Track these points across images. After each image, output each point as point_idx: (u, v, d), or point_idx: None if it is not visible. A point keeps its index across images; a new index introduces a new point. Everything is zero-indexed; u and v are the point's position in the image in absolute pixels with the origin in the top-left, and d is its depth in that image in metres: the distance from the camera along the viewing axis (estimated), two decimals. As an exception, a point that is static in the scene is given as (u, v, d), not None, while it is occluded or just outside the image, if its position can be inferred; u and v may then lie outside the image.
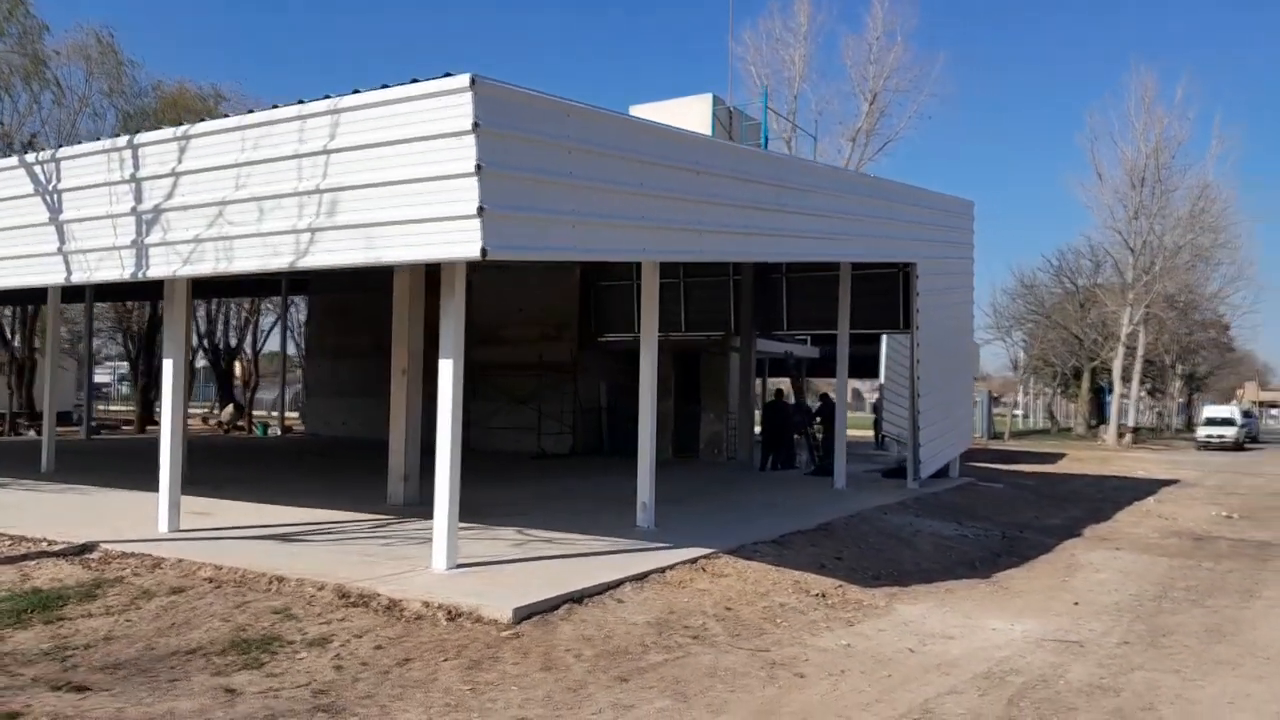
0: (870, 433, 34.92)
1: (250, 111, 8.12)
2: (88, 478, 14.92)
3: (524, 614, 6.80)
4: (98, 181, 8.79)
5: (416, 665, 6.06)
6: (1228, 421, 44.12)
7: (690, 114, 19.49)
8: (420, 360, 13.02)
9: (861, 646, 7.09)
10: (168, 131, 8.34)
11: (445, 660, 6.11)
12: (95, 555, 8.79)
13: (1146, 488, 21.58)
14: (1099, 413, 55.47)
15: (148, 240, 8.52)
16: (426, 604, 6.98)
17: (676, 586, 8.07)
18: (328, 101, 7.38)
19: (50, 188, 9.06)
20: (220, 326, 41.08)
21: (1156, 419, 67.30)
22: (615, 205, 8.03)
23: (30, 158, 9.25)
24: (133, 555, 8.66)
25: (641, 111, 18.27)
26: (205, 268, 8.20)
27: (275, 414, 41.83)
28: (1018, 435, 52.62)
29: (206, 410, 48.45)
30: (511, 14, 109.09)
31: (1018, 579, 10.18)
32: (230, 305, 40.39)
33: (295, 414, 40.90)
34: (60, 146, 9.75)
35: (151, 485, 13.74)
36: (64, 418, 37.68)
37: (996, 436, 49.78)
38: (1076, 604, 8.91)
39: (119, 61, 33.19)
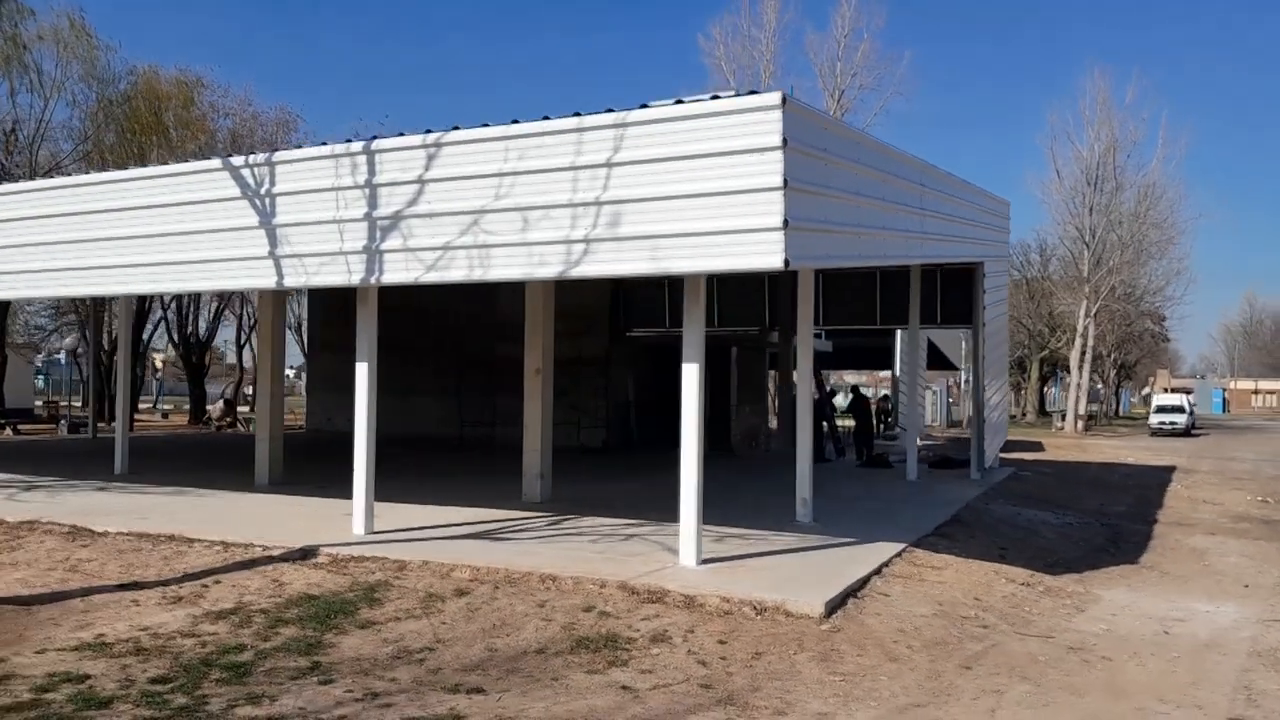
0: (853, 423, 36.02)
1: (243, 100, 8.24)
2: (168, 478, 14.68)
3: (831, 607, 7.18)
4: (322, 186, 8.79)
5: (770, 658, 6.39)
6: (1178, 409, 46.69)
7: None
8: (552, 361, 13.23)
9: (1117, 630, 7.67)
10: (414, 139, 8.39)
11: (795, 653, 6.46)
12: (322, 559, 8.84)
13: (1155, 475, 22.88)
14: (1044, 402, 57.95)
15: (383, 246, 8.58)
16: (725, 599, 7.29)
17: (913, 579, 8.53)
18: (612, 115, 7.59)
19: (263, 191, 9.02)
20: (190, 318, 39.92)
21: (1097, 407, 70.38)
22: (879, 217, 8.46)
23: (239, 160, 9.17)
24: (363, 559, 8.73)
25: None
26: (455, 275, 8.31)
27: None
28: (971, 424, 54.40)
29: (170, 409, 47.15)
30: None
31: (1160, 564, 10.93)
32: (202, 297, 39.34)
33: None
34: (38, 134, 9.66)
35: (235, 483, 13.79)
36: (24, 414, 36.31)
37: (955, 425, 51.58)
38: (1246, 586, 9.68)
39: (93, 46, 32.06)
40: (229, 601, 7.61)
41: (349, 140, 9.00)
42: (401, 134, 8.59)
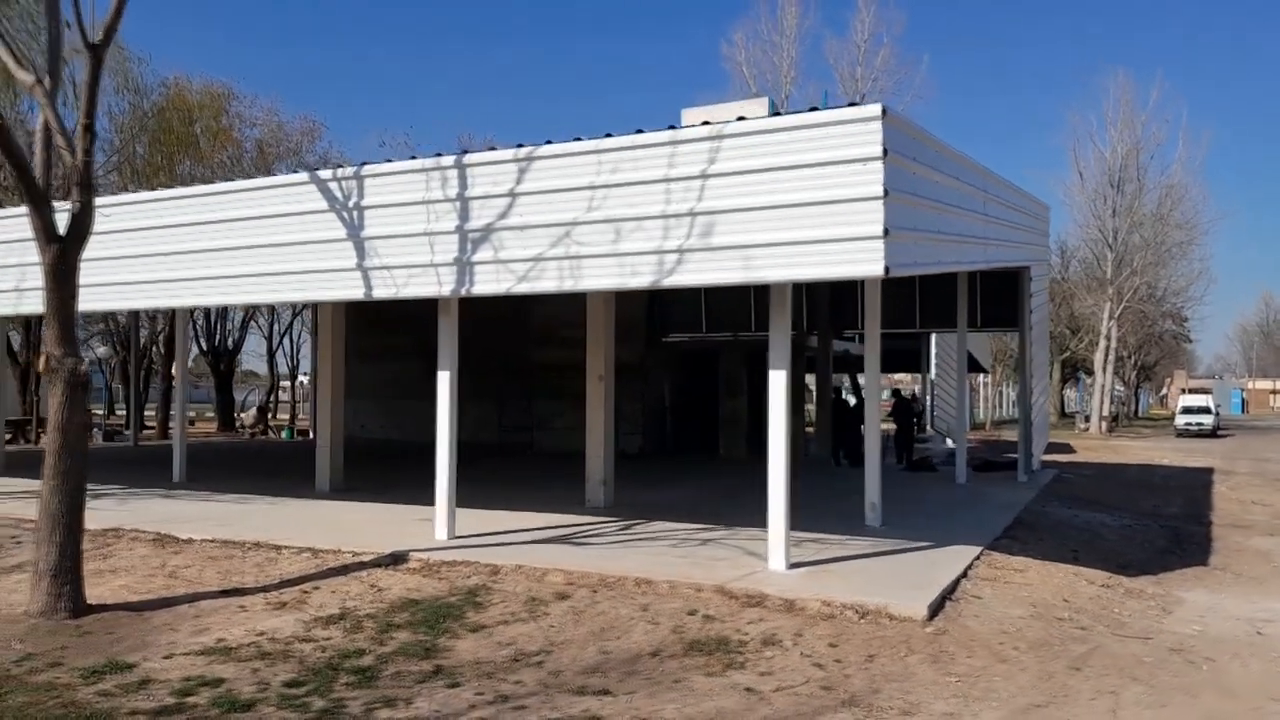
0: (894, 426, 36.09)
1: (272, 110, 8.39)
2: (227, 485, 14.88)
3: (933, 610, 7.30)
4: (413, 199, 8.96)
5: (882, 660, 6.50)
6: (1204, 410, 46.55)
7: (746, 115, 20.06)
8: (614, 368, 13.37)
9: (1210, 632, 7.75)
10: (506, 153, 8.54)
11: (905, 655, 6.57)
12: (413, 564, 8.99)
13: (1196, 476, 22.88)
14: (1063, 404, 57.89)
15: (473, 258, 8.74)
16: (827, 603, 7.41)
17: (999, 581, 8.63)
18: (708, 128, 7.73)
19: (351, 204, 9.18)
20: (218, 327, 40.23)
21: (1119, 408, 70.28)
22: (954, 223, 8.58)
23: (326, 174, 9.34)
24: (454, 563, 8.87)
25: (696, 114, 18.64)
26: (546, 285, 8.45)
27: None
28: (998, 425, 54.44)
29: (192, 415, 47.43)
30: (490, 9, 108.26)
31: (1229, 565, 11.00)
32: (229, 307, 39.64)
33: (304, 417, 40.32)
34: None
35: (296, 490, 13.98)
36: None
37: (978, 427, 51.56)
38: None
39: (125, 59, 32.36)
40: (334, 607, 7.76)
41: (383, 143, 9.15)
42: (438, 152, 8.73)
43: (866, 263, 7.20)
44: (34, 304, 11.40)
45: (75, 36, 7.46)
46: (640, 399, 24.17)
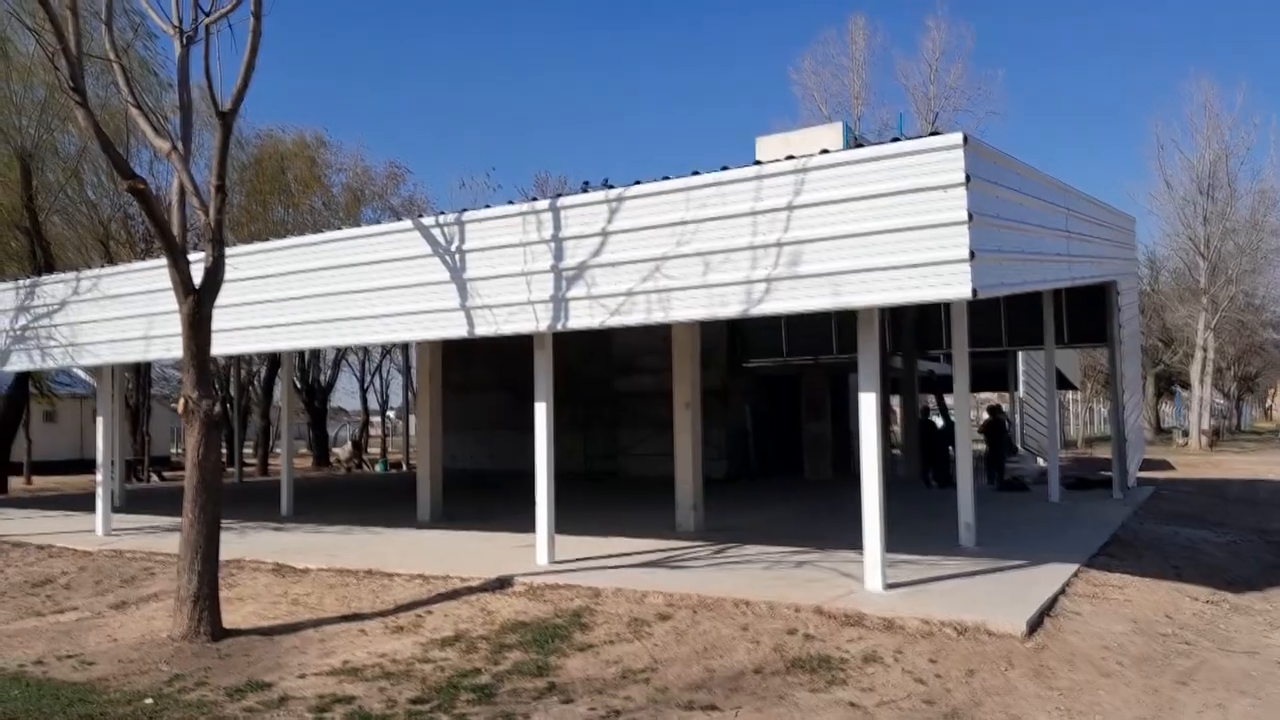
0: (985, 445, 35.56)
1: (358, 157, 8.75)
2: (332, 518, 15.56)
3: (1032, 626, 7.37)
4: (510, 242, 9.44)
5: (983, 675, 6.61)
6: (1312, 421, 44.57)
7: (821, 142, 20.04)
8: (699, 395, 13.66)
9: (1322, 646, 7.64)
10: (597, 195, 8.97)
11: (1006, 670, 6.67)
12: (518, 588, 9.37)
13: (1304, 490, 22.03)
14: (1159, 419, 56.01)
15: (568, 295, 9.16)
16: (925, 621, 7.54)
17: (1098, 598, 8.62)
18: (792, 162, 8.02)
19: (453, 248, 9.72)
20: (312, 366, 41.76)
21: (1221, 422, 67.66)
22: (1037, 243, 8.71)
23: (429, 220, 9.90)
24: (557, 587, 9.22)
25: (770, 142, 18.92)
26: (636, 318, 8.82)
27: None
28: (1089, 442, 52.97)
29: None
30: (553, 35, 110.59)
31: (1342, 580, 10.69)
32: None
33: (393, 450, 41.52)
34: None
35: (398, 520, 14.54)
36: (163, 462, 38.46)
37: (1069, 445, 50.24)
38: None
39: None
40: (448, 629, 8.18)
41: (464, 182, 9.60)
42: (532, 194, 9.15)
43: (954, 285, 7.38)
44: (160, 350, 12.25)
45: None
46: (723, 424, 24.37)
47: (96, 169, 27.53)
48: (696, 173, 8.52)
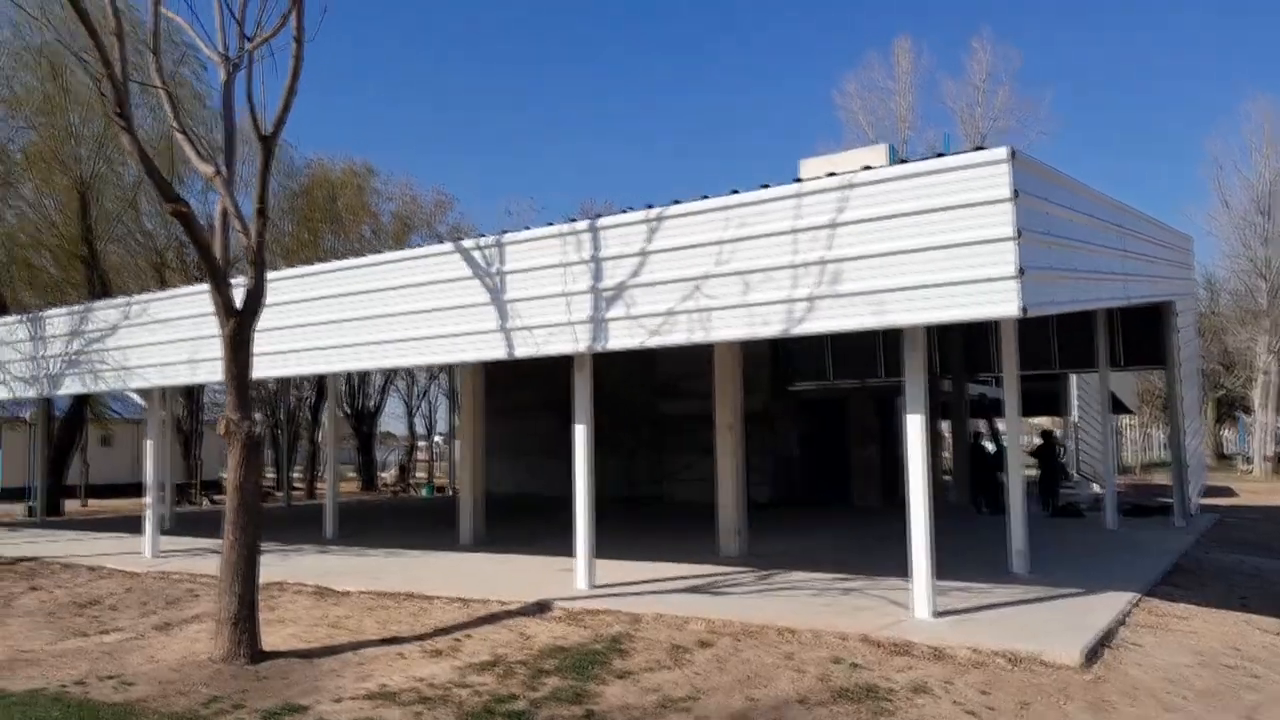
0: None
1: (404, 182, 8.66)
2: (376, 541, 15.59)
3: (1089, 657, 7.06)
4: (550, 263, 9.40)
5: (1038, 708, 6.33)
6: (1384, 447, 42.93)
7: (866, 163, 19.98)
8: (742, 418, 13.48)
9: (1403, 681, 7.21)
10: (637, 215, 8.91)
11: (1063, 703, 6.38)
12: (557, 612, 9.25)
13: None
14: (1220, 445, 54.34)
15: (607, 315, 9.09)
16: (975, 650, 7.27)
17: (1160, 629, 8.26)
18: (835, 179, 7.89)
19: (493, 270, 9.70)
20: (360, 391, 42.20)
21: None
22: (1090, 261, 8.45)
23: (470, 243, 9.91)
24: (596, 612, 9.08)
25: (815, 164, 18.73)
26: (676, 338, 8.71)
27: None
28: (1147, 468, 51.54)
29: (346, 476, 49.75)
30: (597, 62, 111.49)
31: None
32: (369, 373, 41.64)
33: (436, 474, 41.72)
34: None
35: (439, 544, 14.50)
36: (213, 486, 39.02)
37: (1125, 470, 48.93)
38: None
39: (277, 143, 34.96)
40: (485, 654, 8.06)
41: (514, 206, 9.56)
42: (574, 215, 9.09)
43: (1001, 303, 7.17)
44: (206, 374, 12.40)
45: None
46: (767, 448, 24.09)
47: (152, 198, 28.29)
48: (736, 191, 8.42)
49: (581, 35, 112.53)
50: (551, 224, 9.59)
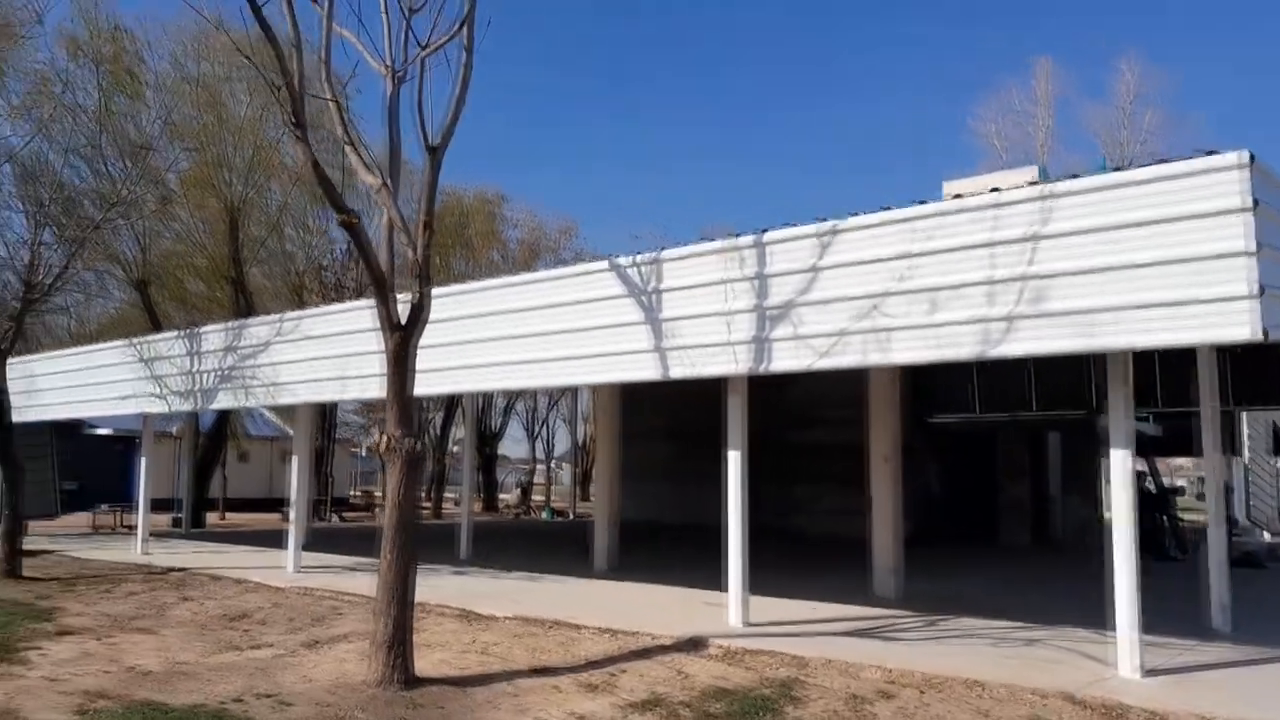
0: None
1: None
2: (508, 563, 15.37)
3: (1349, 735, 6.13)
4: (709, 280, 8.98)
5: (1298, 794, 5.47)
6: None
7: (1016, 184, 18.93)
8: (900, 450, 12.75)
9: None
10: (807, 229, 8.42)
11: (1328, 789, 5.50)
12: (713, 650, 8.73)
13: None
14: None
15: (771, 335, 8.59)
16: (1202, 718, 6.41)
17: None
18: (1037, 188, 7.25)
19: (649, 288, 9.34)
20: (484, 413, 42.73)
21: None
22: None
23: (625, 259, 9.59)
24: (756, 652, 8.52)
25: (958, 186, 17.80)
26: (848, 360, 8.15)
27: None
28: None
29: (452, 496, 50.56)
30: (727, 99, 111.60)
31: None
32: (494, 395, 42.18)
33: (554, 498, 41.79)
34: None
35: (573, 569, 14.14)
36: (343, 503, 40.05)
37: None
38: None
39: (410, 169, 35.91)
40: (643, 691, 7.59)
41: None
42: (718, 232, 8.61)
43: (1232, 326, 6.38)
44: (355, 391, 12.43)
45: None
46: (907, 483, 23.00)
47: (295, 223, 29.35)
48: (923, 202, 7.83)
49: (694, 58, 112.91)
50: (711, 239, 9.19)
